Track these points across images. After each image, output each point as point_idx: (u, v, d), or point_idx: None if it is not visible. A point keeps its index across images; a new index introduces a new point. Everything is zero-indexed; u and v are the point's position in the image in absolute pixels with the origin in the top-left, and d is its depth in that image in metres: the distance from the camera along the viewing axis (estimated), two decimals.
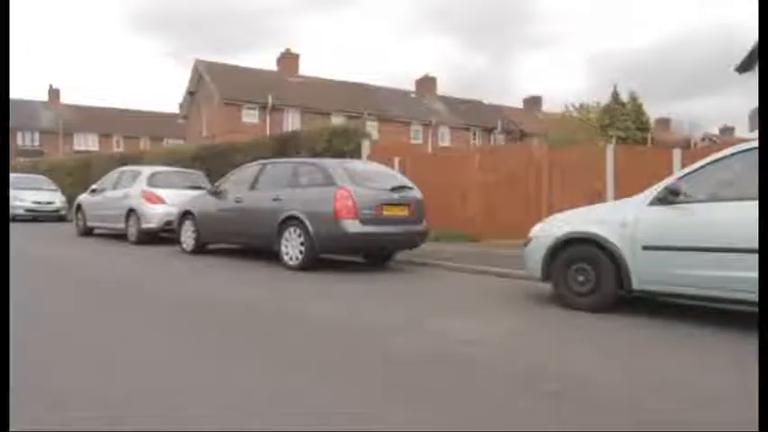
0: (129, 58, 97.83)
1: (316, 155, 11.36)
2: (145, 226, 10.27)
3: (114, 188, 11.44)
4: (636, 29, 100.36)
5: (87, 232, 12.00)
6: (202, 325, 4.22)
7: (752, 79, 21.33)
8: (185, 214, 9.08)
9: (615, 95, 25.68)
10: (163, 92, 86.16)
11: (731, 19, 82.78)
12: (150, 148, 28.16)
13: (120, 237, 10.90)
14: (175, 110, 38.46)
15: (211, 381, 2.87)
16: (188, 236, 8.96)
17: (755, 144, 4.40)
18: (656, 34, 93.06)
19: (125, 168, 12.44)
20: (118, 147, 43.88)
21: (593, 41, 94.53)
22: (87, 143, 45.67)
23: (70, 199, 15.52)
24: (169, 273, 7.19)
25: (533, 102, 43.97)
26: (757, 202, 3.97)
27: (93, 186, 12.20)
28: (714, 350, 3.72)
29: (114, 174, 12.07)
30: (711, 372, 3.23)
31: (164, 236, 10.37)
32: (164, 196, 10.38)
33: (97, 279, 6.52)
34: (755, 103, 20.65)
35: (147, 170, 11.34)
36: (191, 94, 33.62)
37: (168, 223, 9.93)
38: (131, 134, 47.14)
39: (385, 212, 7.15)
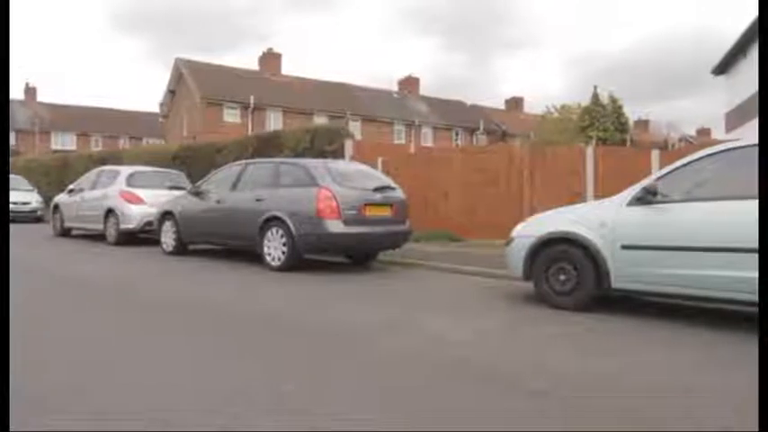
0: (108, 57, 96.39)
1: (298, 155, 11.32)
2: (124, 227, 10.13)
3: (92, 188, 11.25)
4: (616, 31, 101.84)
5: (65, 233, 11.80)
6: (177, 326, 4.17)
7: (727, 82, 21.79)
8: (166, 215, 8.98)
9: (595, 97, 26.01)
10: (143, 91, 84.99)
11: (708, 23, 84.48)
12: (130, 148, 27.76)
13: (98, 238, 10.73)
14: (156, 109, 38.00)
15: (190, 380, 2.84)
16: (168, 237, 8.87)
17: (731, 145, 4.50)
18: (635, 37, 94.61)
19: (104, 168, 12.23)
20: (96, 146, 43.14)
21: (574, 43, 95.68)
22: (65, 142, 44.82)
23: (47, 199, 15.23)
24: (150, 274, 7.10)
25: (515, 102, 44.33)
26: (735, 202, 4.08)
27: (71, 186, 12.00)
28: (694, 348, 3.78)
29: (92, 173, 11.88)
30: (695, 369, 3.27)
31: (144, 237, 10.25)
32: (143, 196, 10.25)
33: (78, 280, 6.40)
34: (731, 105, 21.13)
35: (126, 170, 11.19)
36: (171, 93, 33.28)
37: (148, 224, 9.82)
38: (110, 133, 46.42)
39: (368, 213, 7.14)
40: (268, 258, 7.20)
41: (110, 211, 10.39)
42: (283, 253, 7.05)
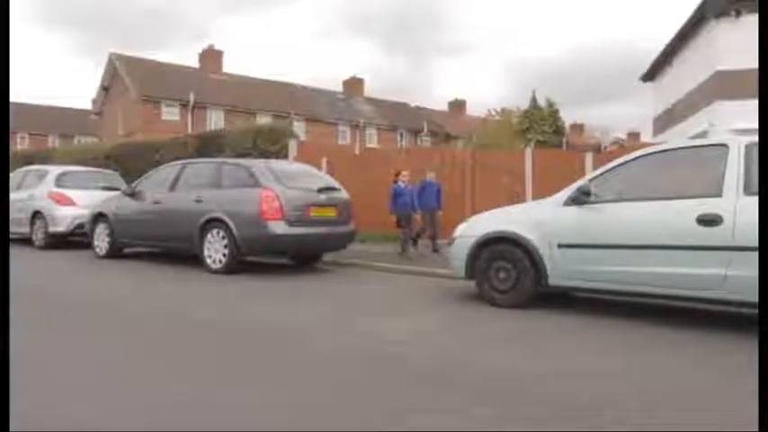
0: (36, 53, 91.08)
1: (240, 155, 11.07)
2: (53, 229, 9.62)
3: (18, 189, 10.59)
4: (552, 37, 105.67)
5: None
6: (103, 329, 4.00)
7: (655, 88, 23.06)
8: (99, 216, 8.58)
9: (534, 101, 26.93)
10: (72, 87, 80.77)
11: (639, 31, 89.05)
12: (60, 147, 26.26)
13: (24, 242, 10.12)
14: (88, 106, 36.20)
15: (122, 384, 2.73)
16: (102, 239, 8.48)
17: (657, 149, 4.77)
18: (571, 43, 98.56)
19: (30, 168, 11.56)
20: (22, 145, 40.60)
21: (513, 48, 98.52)
22: None
23: None
24: (80, 279, 6.75)
25: (458, 105, 45.12)
26: (661, 202, 4.32)
27: None
28: (633, 345, 3.93)
29: (18, 174, 11.18)
30: (632, 366, 3.42)
31: (75, 240, 9.76)
32: (74, 197, 9.77)
33: None
34: (658, 111, 22.34)
35: (55, 170, 10.63)
36: (105, 89, 31.79)
37: (79, 226, 9.37)
38: (38, 131, 43.78)
39: (312, 214, 7.08)
40: (208, 261, 7.01)
41: (37, 214, 9.85)
42: (224, 255, 6.88)
